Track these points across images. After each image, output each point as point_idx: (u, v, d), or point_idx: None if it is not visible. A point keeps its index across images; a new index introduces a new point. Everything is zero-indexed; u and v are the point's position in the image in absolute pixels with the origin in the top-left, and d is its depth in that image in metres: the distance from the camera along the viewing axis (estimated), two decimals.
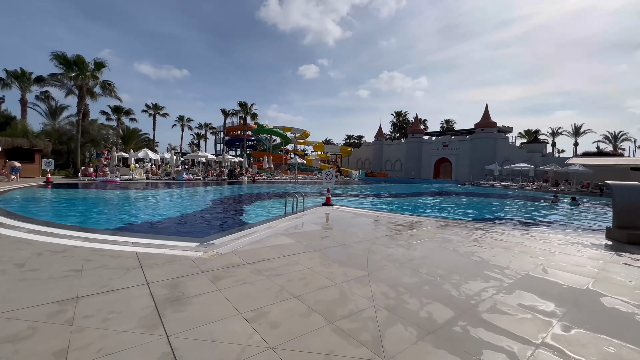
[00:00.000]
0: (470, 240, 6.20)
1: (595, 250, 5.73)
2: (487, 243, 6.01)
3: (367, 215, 9.33)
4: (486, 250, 5.49)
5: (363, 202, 15.84)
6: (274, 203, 13.34)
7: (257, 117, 43.19)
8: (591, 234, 7.44)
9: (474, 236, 6.65)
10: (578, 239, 6.76)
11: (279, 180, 30.28)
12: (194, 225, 7.97)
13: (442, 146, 45.73)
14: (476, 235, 6.71)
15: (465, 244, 5.90)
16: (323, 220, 8.07)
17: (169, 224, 8.04)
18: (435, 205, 14.94)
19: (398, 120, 63.42)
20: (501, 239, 6.40)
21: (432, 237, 6.42)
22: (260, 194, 17.35)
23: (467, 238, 6.42)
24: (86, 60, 21.46)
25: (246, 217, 9.36)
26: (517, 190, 27.38)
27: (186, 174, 24.74)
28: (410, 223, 8.02)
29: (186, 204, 12.05)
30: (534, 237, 6.75)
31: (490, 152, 39.67)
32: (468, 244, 5.86)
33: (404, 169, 50.76)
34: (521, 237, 6.77)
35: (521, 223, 10.13)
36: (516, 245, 5.94)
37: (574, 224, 10.44)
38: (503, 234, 7.05)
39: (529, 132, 47.66)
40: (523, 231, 7.57)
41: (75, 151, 22.80)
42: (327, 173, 10.97)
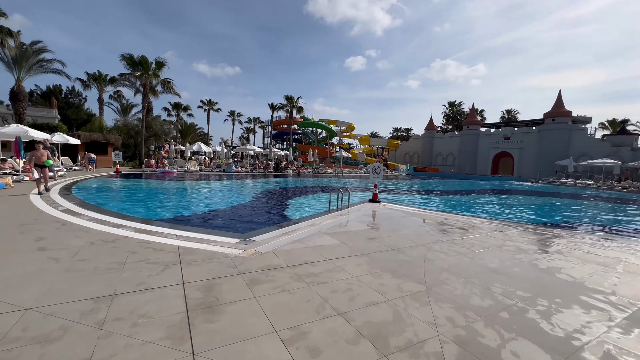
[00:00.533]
0: (552, 252, 5.11)
1: None
2: (575, 257, 4.88)
3: (419, 214, 8.46)
4: (577, 266, 4.41)
5: (413, 200, 14.76)
6: (317, 198, 13.03)
7: (303, 111, 43.44)
8: None
9: (555, 246, 5.50)
10: None
11: (323, 174, 30.09)
12: (238, 218, 7.95)
13: (502, 139, 41.30)
14: (558, 246, 5.54)
15: (546, 256, 4.86)
16: (370, 219, 7.46)
17: (214, 216, 8.14)
18: (500, 205, 13.26)
19: (451, 111, 58.93)
20: (594, 252, 5.18)
21: (501, 245, 5.44)
22: (304, 188, 17.22)
23: (547, 248, 5.33)
24: (149, 60, 23.30)
25: (289, 212, 9.15)
26: (599, 190, 23.44)
27: (235, 166, 25.76)
28: (470, 225, 7.02)
29: (232, 196, 12.32)
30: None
31: (563, 146, 34.69)
32: (550, 257, 4.81)
33: (457, 163, 47.09)
34: (621, 251, 5.42)
35: (615, 232, 8.36)
36: (617, 262, 4.72)
37: None
38: (595, 245, 5.74)
39: (614, 122, 40.58)
40: (622, 244, 6.12)
41: (140, 144, 25.07)
42: (375, 167, 10.26)
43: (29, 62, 21.83)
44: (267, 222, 7.46)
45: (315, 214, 7.85)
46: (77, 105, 40.98)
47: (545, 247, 5.38)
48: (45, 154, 7.48)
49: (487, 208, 12.56)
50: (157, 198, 10.87)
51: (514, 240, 5.78)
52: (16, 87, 21.45)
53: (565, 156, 34.09)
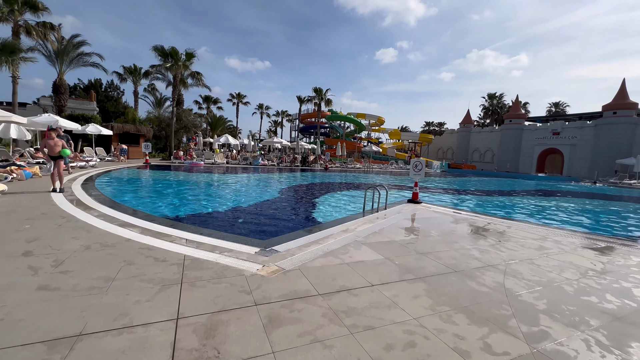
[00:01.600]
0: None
1: None
2: None
3: (471, 220, 7.12)
4: None
5: (455, 200, 13.21)
6: (348, 195, 11.95)
7: (331, 104, 42.18)
8: None
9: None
10: None
11: (352, 169, 28.85)
12: (259, 218, 7.07)
13: (550, 134, 37.48)
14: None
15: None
16: (414, 224, 6.28)
17: (233, 214, 7.35)
18: (567, 212, 11.31)
19: (491, 104, 54.78)
20: None
21: (604, 271, 4.06)
22: (332, 184, 16.18)
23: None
24: (179, 52, 23.26)
25: (317, 212, 8.16)
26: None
27: (262, 159, 25.30)
28: (543, 238, 5.61)
29: (257, 191, 11.58)
30: None
31: (626, 142, 30.62)
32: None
33: (496, 160, 43.69)
34: None
35: None
36: None
37: None
38: None
39: None
40: None
41: (170, 136, 25.33)
42: (416, 163, 8.96)
43: (69, 56, 22.61)
44: (293, 224, 6.51)
45: (348, 217, 6.80)
46: (116, 99, 42.81)
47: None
48: (60, 144, 6.93)
49: (550, 214, 10.77)
50: (178, 191, 10.38)
51: (619, 264, 4.36)
52: (58, 80, 22.32)
53: (627, 154, 30.13)
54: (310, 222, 6.84)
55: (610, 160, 30.94)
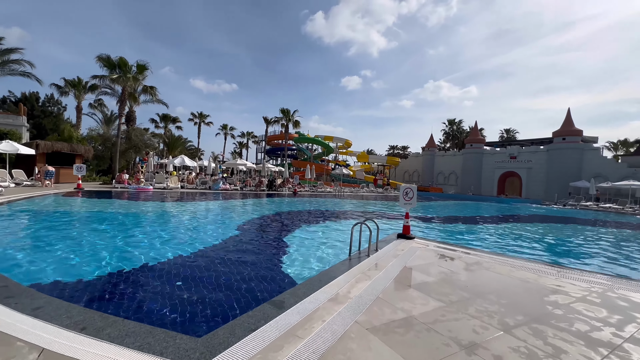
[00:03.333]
0: None
1: None
2: None
3: (492, 266, 5.62)
4: None
5: (444, 230, 11.93)
6: (325, 229, 10.10)
7: (299, 125, 41.09)
8: None
9: None
10: None
11: (323, 193, 27.23)
12: (203, 284, 4.77)
13: (508, 158, 39.41)
14: None
15: None
16: (424, 278, 4.59)
17: (161, 275, 5.04)
18: (570, 243, 10.36)
19: (451, 129, 57.59)
20: None
21: None
22: (304, 213, 14.23)
23: None
24: (129, 63, 20.68)
25: (290, 261, 6.16)
26: (632, 217, 21.05)
27: (223, 183, 22.76)
28: (600, 296, 4.19)
29: (209, 229, 9.08)
30: None
31: (575, 166, 32.76)
32: None
33: (459, 183, 44.91)
34: None
35: None
36: None
37: None
38: None
39: (626, 143, 39.23)
40: None
41: (115, 157, 22.00)
42: (407, 190, 7.49)
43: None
44: (254, 292, 4.40)
45: (333, 268, 4.95)
46: (56, 114, 37.91)
47: None
48: None
49: (557, 248, 9.78)
50: (93, 232, 7.67)
51: None
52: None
53: (577, 177, 32.16)
54: (279, 282, 4.84)
55: (563, 183, 32.75)
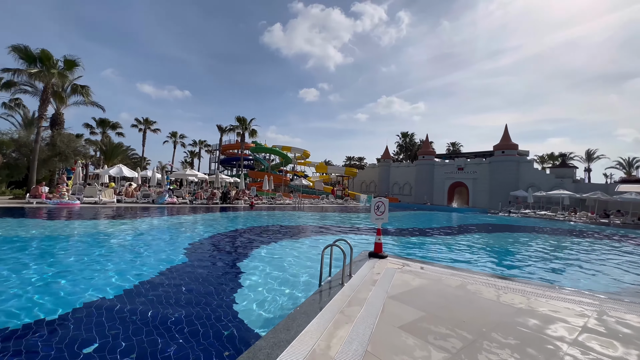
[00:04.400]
0: None
1: None
2: None
3: (473, 285, 5.08)
4: None
5: (409, 244, 11.55)
6: (287, 248, 9.01)
7: (256, 135, 39.49)
8: None
9: None
10: None
11: (282, 206, 25.97)
12: (120, 344, 3.47)
13: (456, 169, 42.17)
14: None
15: None
16: (408, 312, 3.81)
17: (64, 340, 3.65)
18: (541, 257, 10.43)
19: (404, 142, 60.44)
20: None
21: None
22: (263, 229, 12.92)
23: None
24: (54, 57, 17.68)
25: (246, 300, 4.98)
26: (564, 223, 23.34)
27: (169, 196, 20.35)
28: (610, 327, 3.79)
29: (144, 256, 7.17)
30: None
31: (513, 177, 36.06)
32: None
33: (414, 193, 46.86)
34: None
35: None
36: None
37: None
38: None
39: (553, 156, 44.58)
40: None
41: (32, 166, 18.45)
42: (378, 204, 6.82)
43: None
44: (206, 339, 3.21)
45: (302, 306, 3.95)
46: None
47: None
48: None
49: (523, 260, 9.84)
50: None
51: None
52: None
53: (515, 187, 35.29)
54: (229, 338, 3.69)
55: (504, 192, 35.73)
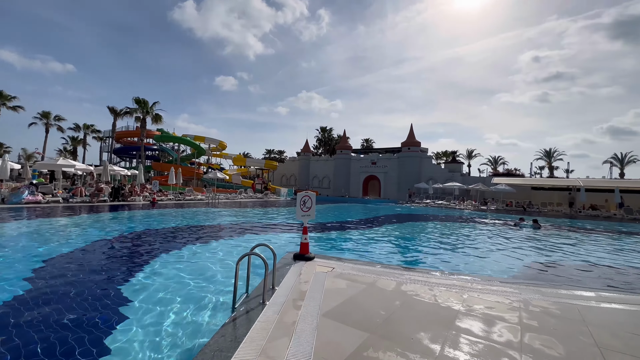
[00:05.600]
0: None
1: None
2: None
3: (408, 285, 4.67)
4: None
5: (334, 240, 11.09)
6: (194, 256, 7.35)
7: (161, 120, 34.13)
8: None
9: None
10: None
11: (192, 202, 22.91)
12: None
13: (370, 163, 45.20)
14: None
15: None
16: (346, 335, 3.03)
17: None
18: (449, 242, 11.10)
19: (323, 136, 61.93)
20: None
21: None
22: (164, 231, 10.66)
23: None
24: None
25: (130, 335, 3.44)
26: (456, 210, 27.16)
27: (31, 193, 15.42)
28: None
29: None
30: None
31: (417, 171, 40.56)
32: None
33: (332, 186, 48.41)
34: None
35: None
36: None
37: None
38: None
39: (446, 153, 52.10)
40: None
41: None
42: (304, 199, 5.94)
43: None
44: None
45: (208, 347, 2.75)
46: None
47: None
48: None
49: (439, 246, 10.28)
50: None
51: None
52: None
53: (418, 180, 39.75)
54: None
55: (409, 184, 39.86)
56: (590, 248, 10.52)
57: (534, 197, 31.24)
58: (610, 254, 9.56)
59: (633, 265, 8.12)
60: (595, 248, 10.57)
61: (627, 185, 27.05)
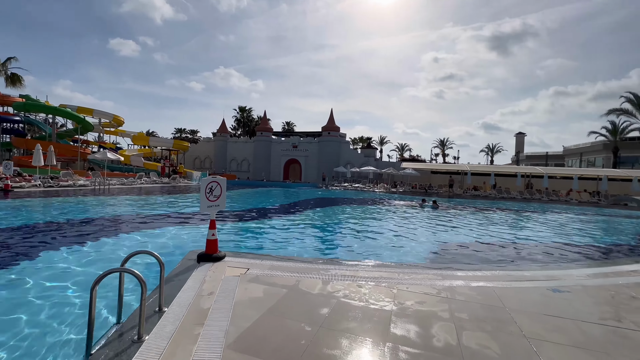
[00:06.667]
0: None
1: None
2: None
3: (336, 279, 4.08)
4: None
5: (251, 231, 9.94)
6: (45, 269, 5.31)
7: (20, 82, 26.03)
8: None
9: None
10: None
11: (71, 189, 18.21)
12: None
13: (291, 147, 44.56)
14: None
15: None
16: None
17: None
18: (376, 224, 11.00)
19: (242, 117, 58.23)
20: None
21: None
22: (11, 234, 7.78)
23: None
24: None
25: None
26: (371, 192, 28.92)
27: None
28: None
29: None
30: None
31: (336, 155, 41.80)
32: None
33: (252, 169, 46.22)
34: None
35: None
36: None
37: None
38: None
39: (362, 139, 55.20)
40: None
41: None
42: (211, 185, 4.73)
43: None
44: None
45: None
46: None
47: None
48: None
49: (366, 229, 10.08)
50: None
51: None
52: None
53: (337, 164, 41.10)
54: None
55: (329, 168, 40.87)
56: (483, 222, 12.21)
57: (433, 180, 35.83)
58: (497, 227, 11.22)
59: (523, 239, 9.57)
60: (484, 223, 12.31)
61: (499, 170, 33.44)
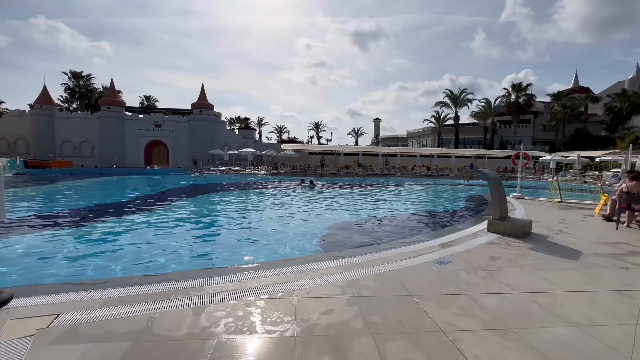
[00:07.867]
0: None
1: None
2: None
3: (217, 301, 2.85)
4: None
5: (83, 244, 7.04)
6: None
7: None
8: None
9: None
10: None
11: None
12: None
13: (153, 126, 37.34)
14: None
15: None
16: None
17: None
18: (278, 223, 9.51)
19: (78, 85, 44.48)
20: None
21: None
22: None
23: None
24: None
25: None
26: (251, 175, 27.45)
27: None
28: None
29: None
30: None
31: (210, 136, 37.73)
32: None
33: (97, 153, 36.44)
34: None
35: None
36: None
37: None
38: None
39: (240, 119, 51.67)
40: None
41: None
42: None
43: None
44: None
45: None
46: None
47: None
48: None
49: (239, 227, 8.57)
50: None
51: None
52: None
53: (212, 146, 37.29)
54: None
55: (203, 151, 36.58)
56: (358, 199, 13.08)
57: (311, 160, 37.48)
58: (372, 203, 12.19)
59: (397, 210, 10.51)
60: (360, 199, 13.26)
61: (365, 150, 38.10)
